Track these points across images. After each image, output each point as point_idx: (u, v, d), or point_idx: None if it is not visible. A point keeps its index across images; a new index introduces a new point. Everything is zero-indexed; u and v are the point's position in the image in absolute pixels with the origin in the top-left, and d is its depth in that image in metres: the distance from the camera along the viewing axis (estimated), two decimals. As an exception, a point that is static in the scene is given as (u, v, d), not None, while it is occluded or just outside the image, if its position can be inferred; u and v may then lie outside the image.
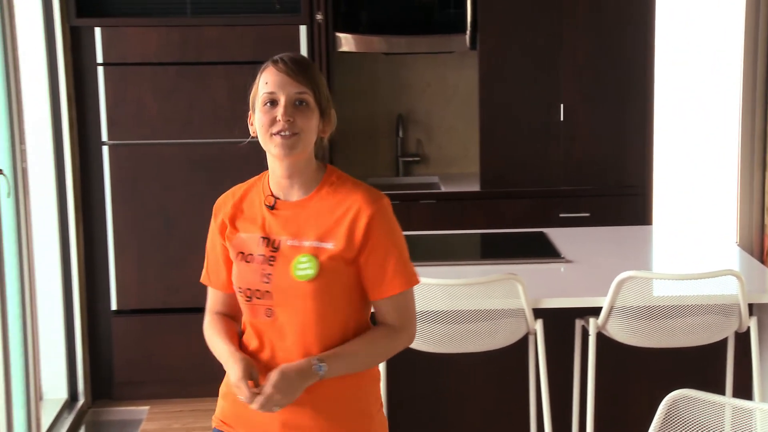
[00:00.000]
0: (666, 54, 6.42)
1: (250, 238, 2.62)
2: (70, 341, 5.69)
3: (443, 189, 6.03)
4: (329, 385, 2.55)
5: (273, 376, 2.46)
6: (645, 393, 3.62)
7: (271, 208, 2.62)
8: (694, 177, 8.72)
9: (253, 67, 5.76)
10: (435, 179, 6.25)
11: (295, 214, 2.60)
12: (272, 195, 2.63)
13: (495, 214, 5.81)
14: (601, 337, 3.86)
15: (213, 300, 2.79)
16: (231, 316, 2.75)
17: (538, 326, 3.82)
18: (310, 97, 2.55)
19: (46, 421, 5.31)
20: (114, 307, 5.80)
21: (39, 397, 5.00)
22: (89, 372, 5.83)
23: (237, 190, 2.73)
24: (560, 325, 4.00)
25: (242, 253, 2.62)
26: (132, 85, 5.68)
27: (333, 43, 5.83)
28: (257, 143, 2.63)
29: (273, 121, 2.53)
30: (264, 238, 2.60)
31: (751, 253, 7.37)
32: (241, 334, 2.73)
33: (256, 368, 2.53)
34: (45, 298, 5.42)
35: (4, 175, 4.55)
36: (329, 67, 5.73)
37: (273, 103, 2.54)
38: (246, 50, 5.68)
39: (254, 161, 2.92)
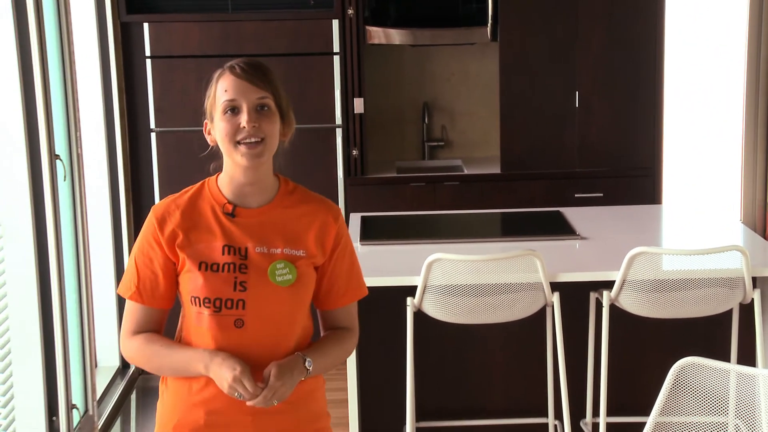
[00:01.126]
0: (675, 44, 6.39)
1: (209, 247, 2.41)
2: (122, 314, 5.72)
3: (466, 171, 6.02)
4: (296, 391, 2.39)
5: (274, 370, 2.32)
6: (655, 361, 3.63)
7: (231, 215, 2.43)
8: (701, 159, 8.69)
9: (291, 60, 5.85)
10: (458, 162, 6.25)
11: (258, 222, 2.44)
12: (229, 202, 2.45)
13: (514, 194, 5.81)
14: (614, 309, 3.86)
15: (139, 319, 2.47)
16: (158, 333, 2.50)
17: (555, 299, 3.82)
18: (271, 101, 2.40)
19: (101, 386, 5.35)
20: (162, 281, 5.85)
21: (94, 365, 5.04)
22: (140, 341, 5.87)
23: (178, 199, 2.48)
24: (576, 297, 4.00)
25: (204, 263, 2.40)
26: (177, 76, 5.71)
27: (363, 36, 5.83)
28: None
29: (237, 129, 2.36)
30: (227, 246, 2.40)
31: (755, 230, 7.34)
32: None
33: (246, 364, 2.33)
34: (99, 274, 5.46)
35: (61, 160, 4.58)
36: (360, 58, 5.74)
37: (234, 110, 2.38)
38: (282, 43, 5.70)
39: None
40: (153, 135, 5.75)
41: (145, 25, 5.67)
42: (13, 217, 4.22)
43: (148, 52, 5.69)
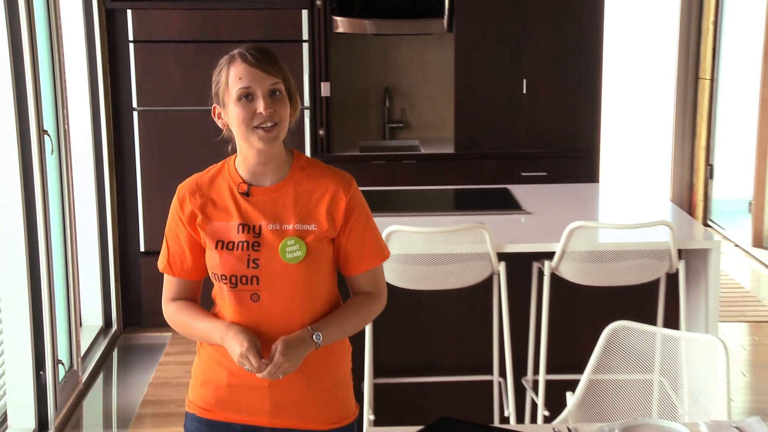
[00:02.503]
0: (613, 38, 6.44)
1: (226, 226, 2.36)
2: (105, 277, 5.71)
3: (423, 151, 6.03)
4: (313, 361, 2.33)
5: (280, 346, 2.26)
6: (589, 324, 3.65)
7: (246, 195, 2.37)
8: (635, 143, 8.77)
9: (264, 44, 5.79)
10: (416, 143, 6.26)
11: (271, 200, 2.36)
12: (244, 182, 2.38)
13: (466, 172, 5.82)
14: (554, 277, 3.87)
15: (174, 288, 2.47)
16: (193, 301, 2.48)
17: (501, 268, 3.83)
18: (282, 86, 2.32)
19: (85, 344, 5.34)
20: (142, 248, 5.84)
21: (79, 324, 5.03)
22: (121, 303, 5.87)
23: (200, 179, 2.44)
24: (520, 267, 4.01)
25: (221, 241, 2.35)
26: (158, 59, 5.67)
27: (330, 25, 5.81)
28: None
29: (253, 115, 2.29)
30: (242, 224, 2.35)
31: (681, 207, 7.43)
32: None
33: (257, 339, 2.29)
34: (84, 240, 5.44)
35: (48, 135, 4.55)
36: (327, 45, 5.72)
37: (248, 96, 2.29)
38: (256, 31, 5.68)
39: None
40: (135, 113, 5.72)
41: (129, 12, 5.62)
42: (4, 188, 4.19)
43: (131, 37, 5.64)
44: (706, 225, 7.89)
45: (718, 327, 4.08)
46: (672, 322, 4.01)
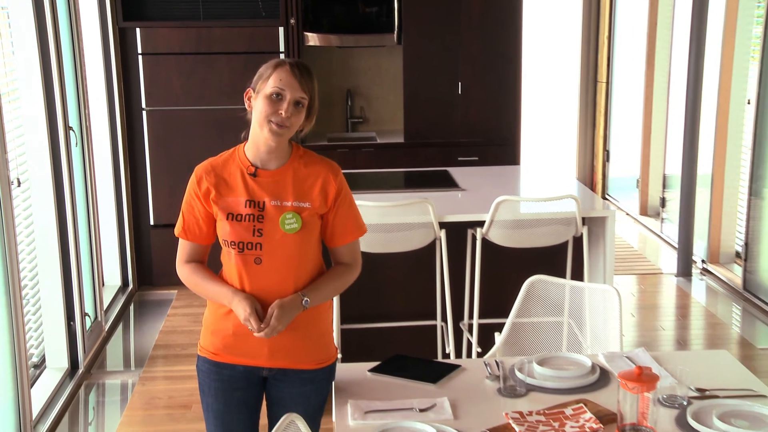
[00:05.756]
0: (530, 48, 6.46)
1: (236, 201, 2.32)
2: (122, 245, 5.67)
3: (378, 141, 6.02)
4: (303, 315, 2.33)
5: (275, 311, 2.26)
6: (513, 278, 3.67)
7: (254, 176, 2.33)
8: (547, 133, 8.82)
9: (248, 56, 5.77)
10: (373, 134, 6.25)
11: (274, 181, 2.33)
12: (252, 165, 2.35)
13: (414, 158, 5.82)
14: (485, 242, 3.89)
15: (187, 251, 2.41)
16: (202, 263, 2.44)
17: (442, 234, 3.84)
18: (306, 102, 2.30)
19: (107, 300, 5.31)
20: (152, 222, 5.79)
21: (101, 284, 4.99)
22: (135, 266, 5.83)
23: (214, 162, 2.39)
24: (457, 233, 4.01)
25: (231, 213, 2.32)
26: (162, 68, 5.60)
27: (302, 39, 5.77)
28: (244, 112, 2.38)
29: (275, 112, 2.26)
30: (249, 200, 2.32)
31: (585, 184, 7.49)
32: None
33: (257, 302, 2.29)
34: (104, 216, 5.40)
35: (73, 131, 4.50)
36: (299, 56, 5.68)
37: (279, 96, 2.26)
38: (241, 44, 5.62)
39: (245, 123, 2.56)
40: (144, 113, 5.65)
41: (138, 30, 5.55)
42: (38, 174, 4.16)
43: (140, 50, 5.57)
44: (604, 198, 7.96)
45: (614, 279, 4.13)
46: (577, 275, 4.04)
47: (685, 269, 6.00)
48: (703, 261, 6.09)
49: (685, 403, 2.27)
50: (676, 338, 4.93)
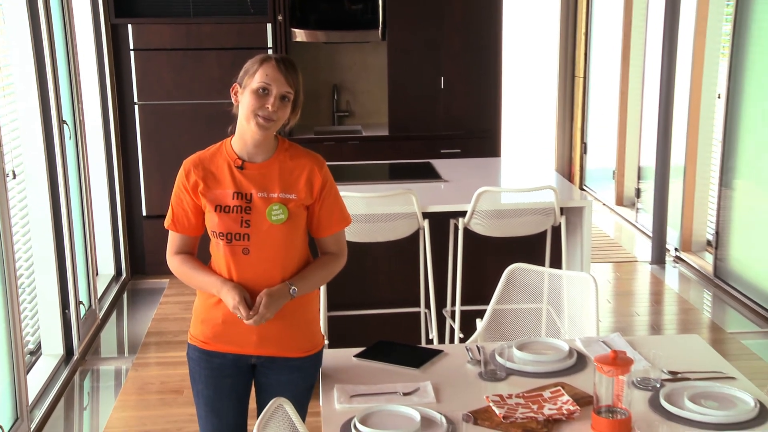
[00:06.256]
0: (510, 45, 6.46)
1: (224, 193, 2.31)
2: (115, 236, 5.65)
3: (364, 134, 6.02)
4: (291, 304, 2.32)
5: (264, 299, 2.25)
6: (494, 266, 3.67)
7: (241, 168, 2.32)
8: (527, 126, 8.83)
9: (237, 52, 5.75)
10: (359, 127, 6.24)
11: (261, 174, 2.31)
12: (239, 158, 2.33)
13: (398, 150, 5.82)
14: (467, 231, 3.90)
15: (177, 243, 2.39)
16: (192, 254, 2.42)
17: (426, 224, 3.84)
18: (292, 96, 2.30)
19: (100, 288, 5.29)
20: (144, 213, 5.77)
21: (95, 273, 4.98)
22: (128, 255, 5.81)
23: (202, 155, 2.37)
24: (440, 223, 4.02)
25: (219, 205, 2.30)
26: (153, 63, 5.57)
27: (289, 35, 5.75)
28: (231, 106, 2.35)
29: (262, 106, 2.25)
30: (236, 192, 2.30)
31: (563, 175, 7.51)
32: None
33: (246, 291, 2.28)
34: (98, 207, 5.37)
35: (67, 124, 4.47)
36: (287, 51, 5.67)
37: (265, 91, 2.25)
38: (230, 40, 5.59)
39: (233, 117, 2.51)
40: (136, 107, 5.62)
41: (129, 26, 5.51)
42: (33, 166, 4.14)
43: (131, 46, 5.54)
44: (581, 189, 7.99)
45: (590, 266, 4.15)
46: (556, 263, 4.05)
47: (658, 257, 6.04)
48: (676, 249, 6.13)
49: (658, 385, 2.29)
50: (650, 323, 4.96)
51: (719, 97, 5.70)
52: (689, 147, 5.92)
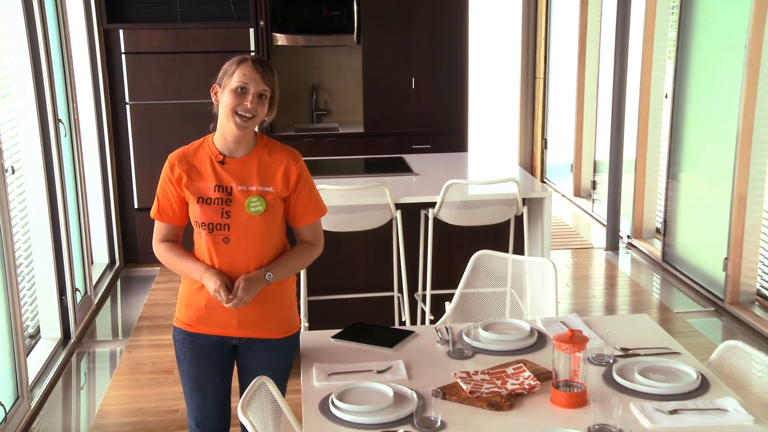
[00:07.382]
0: (476, 47, 6.46)
1: (206, 186, 2.30)
2: (109, 227, 5.60)
3: (341, 131, 6.00)
4: (269, 289, 2.32)
5: (241, 284, 2.25)
6: (461, 253, 3.68)
7: (222, 163, 2.31)
8: (492, 123, 8.85)
9: (221, 55, 5.70)
10: (336, 125, 6.23)
11: (240, 168, 2.31)
12: (220, 153, 2.32)
13: (373, 146, 5.81)
14: (436, 221, 3.90)
15: (162, 231, 2.40)
16: (176, 243, 2.41)
17: (398, 214, 3.83)
18: (269, 94, 2.28)
19: (95, 276, 5.25)
20: (136, 205, 5.72)
21: (90, 261, 4.94)
22: (122, 245, 5.76)
23: (186, 150, 2.36)
24: (411, 213, 4.02)
25: (202, 197, 2.30)
26: (143, 66, 5.51)
27: (271, 39, 5.71)
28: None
29: (240, 104, 2.24)
30: (217, 185, 2.29)
31: (525, 169, 7.53)
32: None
33: (226, 277, 2.28)
34: (92, 200, 5.32)
35: (63, 123, 4.42)
36: (268, 54, 5.63)
37: (243, 90, 2.24)
38: (214, 44, 5.54)
39: (216, 115, 2.49)
40: (128, 106, 5.57)
41: (121, 31, 5.45)
42: (31, 162, 4.09)
43: (123, 50, 5.48)
44: (542, 181, 8.03)
45: (551, 253, 4.17)
46: (519, 250, 4.08)
47: (612, 244, 6.09)
48: (628, 236, 6.18)
49: (611, 361, 2.31)
50: (605, 305, 5.00)
51: (666, 97, 5.76)
52: (640, 142, 5.98)
